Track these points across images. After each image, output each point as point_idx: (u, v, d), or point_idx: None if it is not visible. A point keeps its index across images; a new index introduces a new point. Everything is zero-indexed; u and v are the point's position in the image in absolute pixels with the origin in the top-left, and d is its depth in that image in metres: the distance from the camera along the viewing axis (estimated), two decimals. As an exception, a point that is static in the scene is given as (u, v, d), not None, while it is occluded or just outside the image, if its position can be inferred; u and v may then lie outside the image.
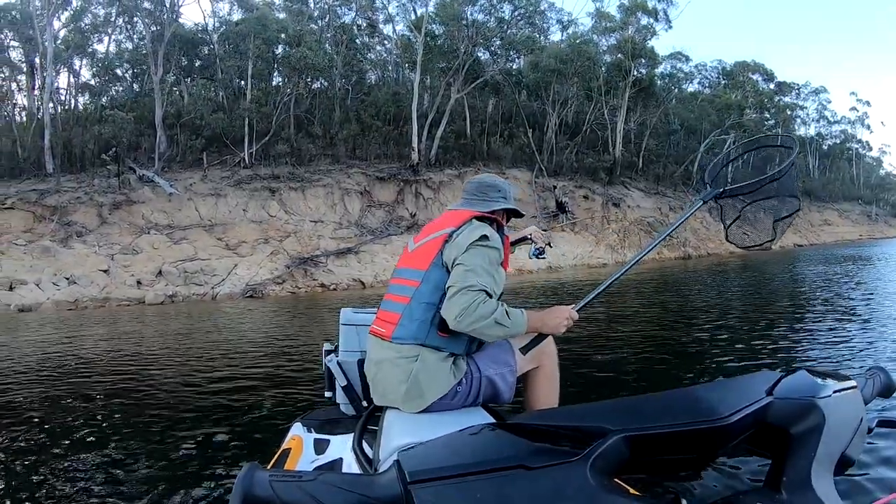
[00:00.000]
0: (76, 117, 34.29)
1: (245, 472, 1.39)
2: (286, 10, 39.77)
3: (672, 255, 37.09)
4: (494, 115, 41.00)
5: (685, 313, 13.53)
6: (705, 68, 54.87)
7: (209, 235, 26.82)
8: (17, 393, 7.90)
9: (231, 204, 28.67)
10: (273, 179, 30.28)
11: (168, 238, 26.08)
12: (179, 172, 29.91)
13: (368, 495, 1.40)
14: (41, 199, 26.42)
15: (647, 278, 23.77)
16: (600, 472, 1.43)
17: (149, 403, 6.82)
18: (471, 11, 35.41)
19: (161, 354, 10.69)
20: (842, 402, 1.56)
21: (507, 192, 3.14)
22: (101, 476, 4.50)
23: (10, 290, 21.52)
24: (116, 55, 39.69)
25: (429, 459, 1.52)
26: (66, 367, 9.81)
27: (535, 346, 2.69)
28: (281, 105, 33.60)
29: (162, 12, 32.77)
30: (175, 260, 24.44)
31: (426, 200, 32.98)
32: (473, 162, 35.93)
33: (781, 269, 25.33)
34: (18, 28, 33.10)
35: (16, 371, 9.71)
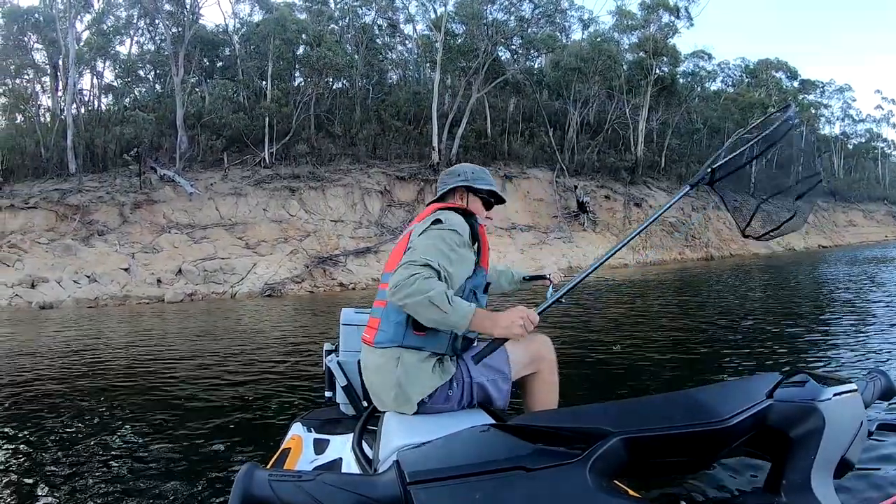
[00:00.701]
0: (98, 118, 34.51)
1: (244, 472, 1.37)
2: (307, 10, 39.79)
3: (694, 255, 36.67)
4: (515, 115, 40.67)
5: (702, 314, 13.19)
6: (728, 66, 54.68)
7: (229, 234, 26.82)
8: (34, 387, 8.00)
9: (251, 203, 28.65)
10: (293, 179, 30.25)
11: (188, 237, 26.15)
12: (200, 172, 29.96)
13: (368, 495, 1.39)
14: (63, 198, 26.63)
15: (668, 279, 23.39)
16: (600, 473, 1.42)
17: (158, 400, 6.82)
18: (491, 10, 35.30)
19: (177, 352, 10.64)
20: (842, 406, 1.53)
21: (468, 173, 3.06)
22: (103, 470, 4.53)
23: (31, 288, 21.70)
24: (138, 57, 40.04)
25: (428, 460, 1.51)
26: (83, 364, 9.82)
27: (488, 354, 2.46)
28: (301, 105, 33.56)
29: (182, 14, 33.03)
30: (195, 259, 24.49)
31: (446, 200, 32.80)
32: (494, 161, 35.62)
33: (804, 271, 24.79)
34: (42, 30, 33.43)
35: (36, 366, 9.77)
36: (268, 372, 8.25)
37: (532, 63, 42.06)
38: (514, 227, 32.95)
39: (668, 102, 43.23)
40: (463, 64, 35.41)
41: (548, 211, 35.37)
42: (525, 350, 2.71)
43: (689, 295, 17.67)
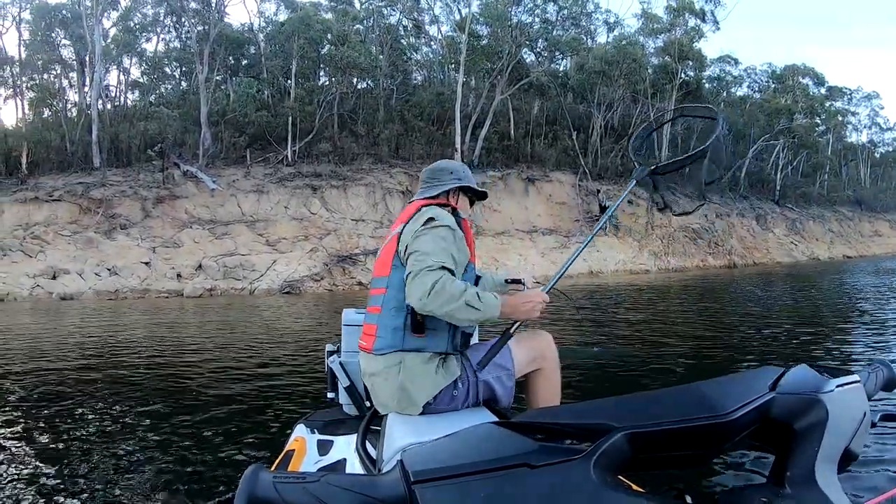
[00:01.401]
0: (124, 113, 34.75)
1: (249, 474, 1.36)
2: (332, 10, 39.82)
3: (717, 263, 36.19)
4: (539, 117, 40.22)
5: (720, 321, 12.92)
6: (755, 72, 53.49)
7: (250, 231, 26.81)
8: (46, 376, 8.06)
9: (273, 201, 28.63)
10: (315, 177, 30.20)
11: (210, 233, 26.18)
12: (223, 169, 30.04)
13: (372, 496, 1.39)
14: (87, 191, 26.85)
15: (689, 285, 23.01)
16: (604, 469, 1.41)
17: (167, 397, 6.79)
18: (515, 12, 35.08)
19: (191, 347, 10.59)
20: (845, 397, 1.51)
21: (461, 172, 2.98)
22: (107, 465, 4.52)
23: (53, 279, 21.86)
24: (164, 54, 40.36)
25: (432, 459, 1.51)
26: (97, 355, 9.84)
27: (495, 354, 2.58)
28: (324, 104, 33.53)
29: (208, 12, 33.20)
30: (215, 254, 24.53)
31: (468, 201, 32.59)
32: (517, 164, 35.41)
33: (827, 281, 24.28)
34: (69, 27, 33.77)
35: (51, 355, 9.82)
36: (281, 370, 8.19)
37: (556, 66, 41.81)
38: (536, 230, 32.72)
39: (693, 107, 42.34)
40: (487, 65, 35.25)
41: (570, 215, 35.06)
42: (528, 348, 2.71)
43: (708, 301, 17.39)
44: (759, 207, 45.36)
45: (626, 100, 41.91)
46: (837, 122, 57.96)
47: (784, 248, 43.34)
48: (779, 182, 48.11)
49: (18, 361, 9.44)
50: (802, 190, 52.06)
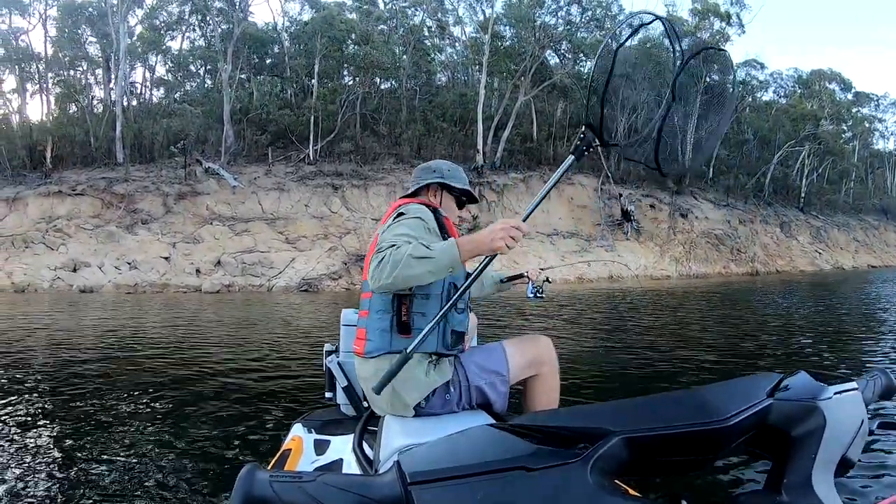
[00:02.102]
0: (148, 110, 35.05)
1: (245, 473, 1.32)
2: (356, 10, 39.87)
3: (739, 270, 35.60)
4: (562, 119, 40.01)
5: (737, 329, 12.47)
6: (781, 77, 52.68)
7: (270, 229, 26.81)
8: (58, 366, 8.11)
9: (293, 199, 28.63)
10: (336, 176, 30.18)
11: (230, 229, 26.22)
12: (245, 166, 30.15)
13: (368, 496, 1.36)
14: (110, 186, 27.09)
15: (710, 292, 22.54)
16: (601, 473, 1.39)
17: (170, 390, 6.76)
18: (539, 14, 34.84)
19: (203, 341, 10.52)
20: (843, 404, 1.48)
21: (444, 171, 2.95)
22: (106, 460, 4.46)
23: (73, 272, 22.04)
24: (189, 52, 40.65)
25: (429, 460, 1.47)
26: (109, 348, 9.83)
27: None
28: (347, 103, 33.56)
29: (232, 11, 33.37)
30: (235, 251, 24.53)
31: (489, 203, 32.34)
32: (539, 166, 35.15)
33: (850, 290, 23.60)
34: (95, 24, 34.12)
35: (63, 346, 9.94)
36: (289, 367, 8.09)
37: (580, 67, 41.56)
38: (556, 233, 32.42)
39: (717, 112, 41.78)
40: (510, 66, 35.06)
41: (591, 218, 34.68)
42: (524, 352, 2.68)
43: (727, 308, 16.90)
44: (784, 214, 44.65)
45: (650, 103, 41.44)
46: (864, 128, 57.00)
47: (808, 256, 42.62)
48: (804, 189, 47.32)
49: (38, 349, 9.50)
50: (828, 197, 51.20)
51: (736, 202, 41.71)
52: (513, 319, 13.71)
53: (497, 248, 2.09)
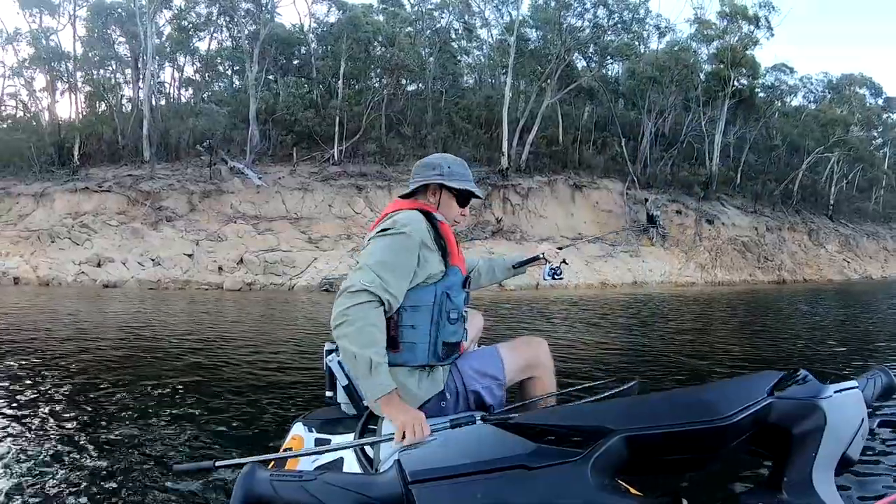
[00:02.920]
0: (175, 109, 35.39)
1: (246, 472, 1.37)
2: (383, 12, 39.92)
3: (766, 278, 34.87)
4: (588, 123, 39.47)
5: (760, 337, 12.05)
6: (810, 81, 51.54)
7: (293, 228, 26.82)
8: (72, 358, 8.14)
9: (317, 199, 28.63)
10: (360, 177, 30.12)
11: (253, 228, 26.26)
12: (269, 166, 30.24)
13: (369, 495, 1.39)
14: (136, 183, 27.40)
15: (736, 300, 21.99)
16: (601, 471, 1.43)
17: (181, 386, 6.67)
18: (565, 16, 34.56)
19: (219, 337, 10.49)
20: (843, 403, 1.53)
21: (445, 168, 2.73)
22: (108, 455, 4.43)
23: (97, 267, 22.24)
24: (217, 52, 41.01)
25: (429, 459, 1.52)
26: (126, 342, 9.88)
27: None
28: (372, 105, 33.55)
29: (259, 13, 33.58)
30: (257, 249, 24.51)
31: (514, 206, 32.13)
32: (564, 169, 34.69)
33: (879, 301, 22.81)
34: (124, 24, 34.55)
35: (78, 340, 9.98)
36: (300, 365, 8.03)
37: (607, 71, 41.20)
38: (581, 237, 32.11)
39: (745, 116, 41.41)
40: (536, 69, 34.85)
41: (616, 223, 34.19)
42: (519, 355, 2.62)
43: (753, 316, 16.48)
44: (812, 222, 43.64)
45: (678, 107, 40.99)
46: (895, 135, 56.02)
47: (836, 265, 41.67)
48: (833, 196, 46.34)
49: (59, 340, 9.57)
50: (857, 205, 50.08)
51: (763, 209, 40.78)
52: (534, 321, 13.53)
53: (395, 424, 2.07)
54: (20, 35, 37.33)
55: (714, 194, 38.21)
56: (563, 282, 2.82)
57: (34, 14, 35.60)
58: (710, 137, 39.06)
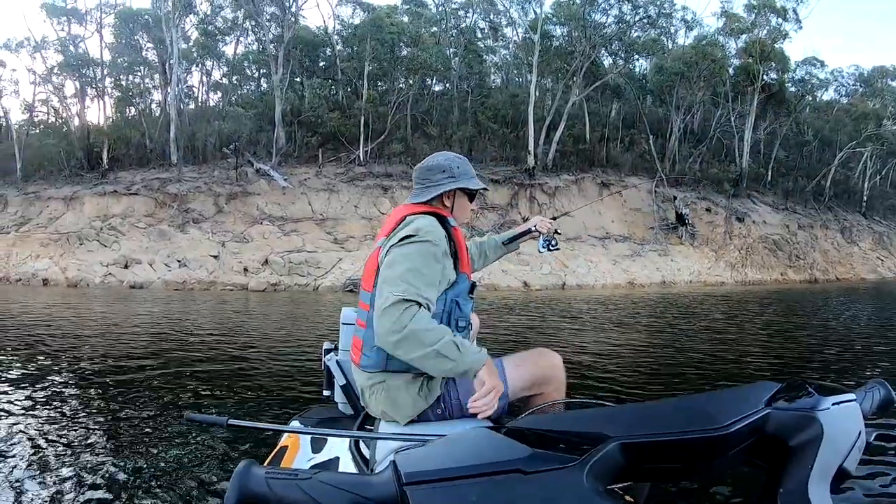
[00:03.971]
0: (202, 112, 35.68)
1: (241, 468, 1.31)
2: (408, 13, 39.87)
3: (797, 277, 34.07)
4: (616, 120, 39.01)
5: (788, 338, 11.54)
6: (841, 75, 50.19)
7: (319, 229, 26.75)
8: (86, 356, 8.34)
9: (343, 200, 28.57)
10: (386, 178, 30.04)
11: (279, 229, 26.24)
12: (295, 167, 30.23)
13: (364, 495, 1.34)
14: (163, 186, 27.60)
15: (767, 299, 21.43)
16: (597, 478, 1.39)
17: (188, 383, 6.71)
18: (590, 12, 34.13)
19: (236, 336, 10.45)
20: (840, 415, 1.46)
21: (455, 169, 2.68)
22: (110, 451, 4.49)
23: (125, 268, 22.42)
24: (243, 56, 41.34)
25: (425, 461, 1.43)
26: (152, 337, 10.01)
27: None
28: (397, 105, 33.45)
29: (284, 16, 33.66)
30: (283, 250, 24.45)
31: (541, 205, 31.76)
32: (591, 168, 34.23)
33: None
34: (151, 30, 34.96)
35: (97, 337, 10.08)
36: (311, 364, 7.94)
37: (634, 67, 40.68)
38: (609, 236, 31.61)
39: (776, 111, 40.42)
40: (561, 66, 34.51)
41: (644, 222, 33.70)
42: (527, 372, 2.49)
43: (783, 315, 15.91)
44: (845, 219, 42.49)
45: (706, 103, 40.27)
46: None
47: (869, 263, 40.56)
48: (866, 192, 45.23)
49: (83, 338, 9.73)
50: (891, 201, 48.63)
51: (795, 206, 39.81)
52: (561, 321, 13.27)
53: (487, 386, 2.10)
54: (48, 43, 37.96)
55: (744, 191, 37.45)
56: (558, 252, 2.71)
57: (62, 22, 36.07)
58: (739, 133, 38.33)
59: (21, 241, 25.26)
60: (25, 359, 7.93)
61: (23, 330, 10.64)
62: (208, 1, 36.51)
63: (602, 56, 36.53)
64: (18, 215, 28.15)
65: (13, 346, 8.97)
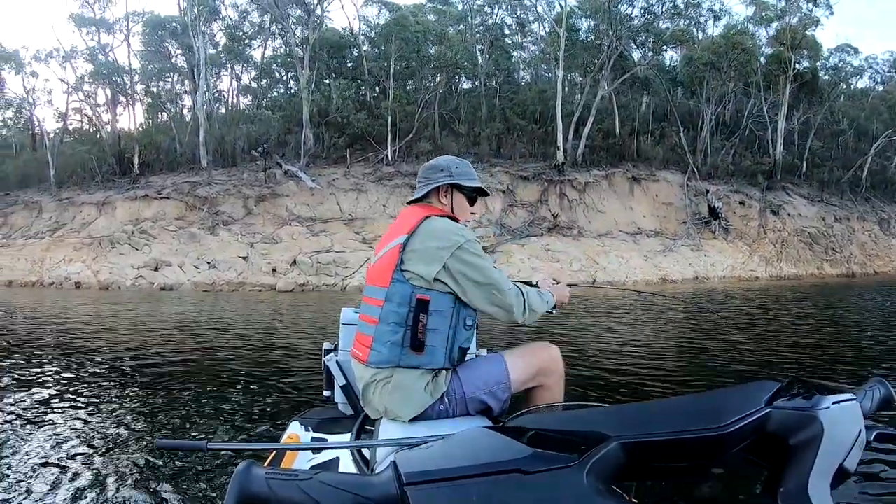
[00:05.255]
0: (231, 116, 35.99)
1: (242, 469, 1.35)
2: (434, 11, 39.71)
3: (834, 271, 32.91)
4: (646, 114, 38.21)
5: (822, 335, 11.07)
6: (876, 62, 48.67)
7: (348, 229, 26.57)
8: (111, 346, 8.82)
9: (371, 199, 28.41)
10: (414, 176, 29.44)
11: (308, 230, 26.14)
12: (323, 168, 30.13)
13: (364, 496, 1.39)
14: (194, 189, 27.81)
15: (805, 294, 20.67)
16: (598, 477, 1.44)
17: (185, 381, 6.73)
18: (616, 3, 33.48)
19: (255, 334, 10.40)
20: (840, 414, 1.49)
21: (453, 168, 2.71)
22: (108, 454, 4.44)
23: (155, 270, 22.60)
24: (271, 59, 41.63)
25: (425, 462, 1.51)
26: (166, 338, 10.01)
27: None
28: (424, 104, 33.22)
29: (309, 19, 33.70)
30: (311, 251, 24.34)
31: (571, 201, 31.26)
32: (622, 162, 33.52)
33: None
34: (179, 37, 35.40)
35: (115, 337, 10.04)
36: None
37: (663, 59, 39.99)
38: (640, 232, 30.98)
39: (809, 100, 39.09)
40: (587, 59, 34.04)
41: (677, 216, 32.95)
42: (528, 364, 2.53)
43: (818, 309, 15.37)
44: (882, 210, 40.82)
45: (738, 93, 39.30)
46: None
47: (909, 256, 39.46)
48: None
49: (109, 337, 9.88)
50: (931, 191, 47.57)
51: (831, 197, 38.23)
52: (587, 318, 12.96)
53: (561, 304, 2.73)
54: (77, 53, 38.74)
55: (778, 183, 36.38)
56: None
57: (91, 31, 36.57)
58: (772, 124, 37.25)
59: (55, 245, 25.78)
60: (71, 358, 8.07)
61: (67, 330, 10.84)
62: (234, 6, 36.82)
63: (630, 49, 35.90)
64: (53, 221, 28.69)
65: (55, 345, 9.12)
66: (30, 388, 6.55)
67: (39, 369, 7.38)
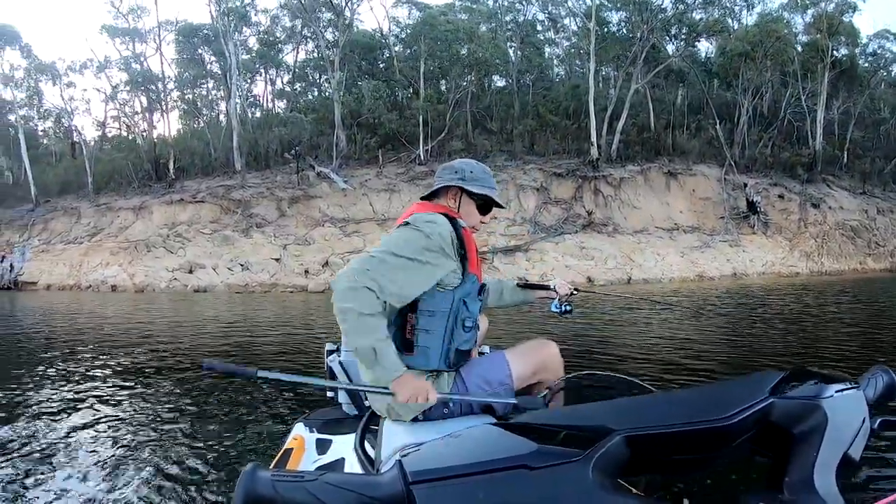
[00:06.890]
0: (265, 120, 36.33)
1: (248, 472, 1.35)
2: (465, 10, 39.53)
3: (877, 266, 31.63)
4: (681, 107, 37.05)
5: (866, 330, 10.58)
6: None
7: (380, 229, 26.26)
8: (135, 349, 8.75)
9: (404, 199, 28.11)
10: (447, 176, 29.70)
11: (340, 231, 26.01)
12: (356, 169, 29.97)
13: (370, 495, 1.38)
14: (228, 193, 27.97)
15: (847, 290, 19.69)
16: (603, 472, 1.44)
17: (187, 382, 6.61)
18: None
19: (278, 333, 10.40)
20: (844, 403, 1.51)
21: (466, 172, 2.63)
22: (109, 457, 4.35)
23: (189, 273, 22.79)
24: (305, 62, 41.94)
25: (430, 460, 1.51)
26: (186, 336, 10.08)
27: None
28: (456, 102, 32.91)
29: (339, 21, 33.74)
30: (343, 252, 24.18)
31: (606, 198, 30.57)
32: (657, 157, 32.48)
33: None
34: (212, 44, 35.92)
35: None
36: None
37: (696, 50, 39.19)
38: (677, 227, 30.21)
39: (848, 89, 37.60)
40: (619, 52, 33.50)
41: (714, 211, 31.99)
42: (528, 361, 2.57)
43: (861, 304, 14.76)
44: (928, 202, 40.04)
45: (775, 83, 38.11)
46: None
47: (957, 249, 37.96)
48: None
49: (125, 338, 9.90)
50: (979, 181, 45.87)
51: (873, 189, 36.61)
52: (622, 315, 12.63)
53: (402, 400, 2.17)
54: (111, 62, 39.45)
55: (819, 176, 35.10)
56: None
57: (125, 41, 37.17)
58: (811, 114, 35.94)
59: (93, 250, 26.21)
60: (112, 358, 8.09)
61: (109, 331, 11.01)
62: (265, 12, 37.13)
63: (663, 40, 35.21)
64: (91, 226, 29.16)
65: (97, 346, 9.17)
66: (69, 381, 6.62)
67: (81, 365, 7.56)
